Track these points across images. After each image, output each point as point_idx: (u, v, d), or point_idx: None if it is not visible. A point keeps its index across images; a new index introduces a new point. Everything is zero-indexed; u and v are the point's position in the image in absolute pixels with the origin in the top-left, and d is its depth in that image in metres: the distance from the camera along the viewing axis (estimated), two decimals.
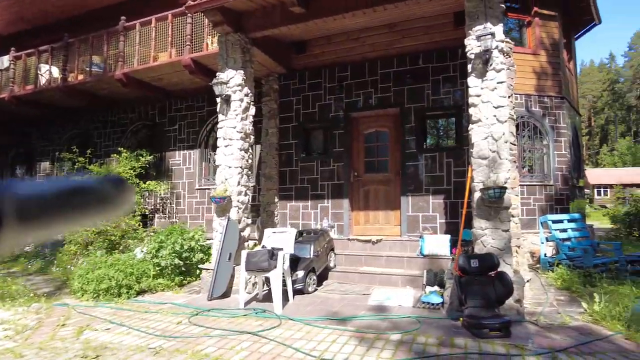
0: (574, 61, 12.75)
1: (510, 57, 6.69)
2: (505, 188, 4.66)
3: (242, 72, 6.50)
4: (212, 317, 5.07)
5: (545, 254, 8.56)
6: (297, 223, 8.04)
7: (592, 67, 70.99)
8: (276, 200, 8.15)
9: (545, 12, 10.40)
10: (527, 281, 6.28)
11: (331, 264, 6.73)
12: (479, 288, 4.38)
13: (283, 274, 5.50)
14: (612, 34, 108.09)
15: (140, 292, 6.53)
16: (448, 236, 6.40)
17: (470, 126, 5.04)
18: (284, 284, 5.59)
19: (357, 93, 7.78)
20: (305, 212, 8.00)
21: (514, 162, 6.53)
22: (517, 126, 10.03)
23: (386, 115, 7.67)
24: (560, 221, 8.45)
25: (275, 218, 8.12)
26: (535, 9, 10.25)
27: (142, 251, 7.35)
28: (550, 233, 8.14)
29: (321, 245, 6.46)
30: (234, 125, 6.38)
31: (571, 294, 6.22)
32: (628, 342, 4.16)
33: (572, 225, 8.50)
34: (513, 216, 6.39)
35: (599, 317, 4.80)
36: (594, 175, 44.65)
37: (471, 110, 5.02)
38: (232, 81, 6.49)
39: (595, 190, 43.47)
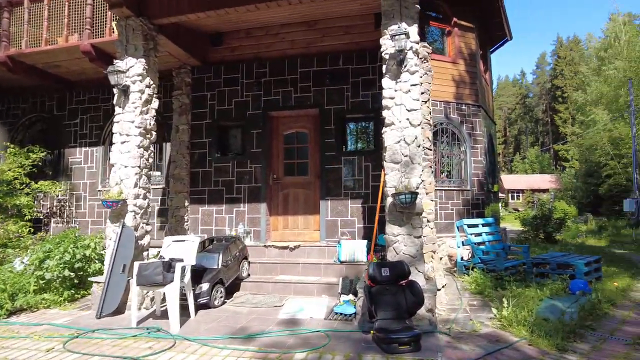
0: (489, 72, 13.45)
1: (427, 61, 6.70)
2: (417, 193, 4.51)
3: (143, 60, 5.81)
4: (95, 340, 4.36)
5: (462, 258, 8.76)
6: (210, 229, 7.44)
7: (507, 81, 77.19)
8: (186, 204, 7.48)
9: (463, 23, 10.77)
10: (442, 287, 6.27)
11: (244, 274, 6.24)
12: (390, 298, 4.17)
13: (183, 287, 4.93)
14: (526, 49, 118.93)
15: (16, 312, 5.58)
16: (365, 241, 6.21)
17: (384, 129, 4.85)
18: (185, 299, 5.02)
19: (277, 91, 7.39)
20: (219, 217, 7.43)
21: (430, 167, 6.52)
22: (436, 132, 10.26)
23: (306, 116, 7.36)
24: (476, 225, 8.68)
25: (186, 224, 7.45)
26: (455, 19, 10.59)
27: (23, 262, 6.34)
28: (466, 237, 8.32)
29: (232, 254, 5.95)
30: (132, 119, 5.68)
31: (484, 299, 6.30)
32: (531, 347, 4.16)
33: (487, 229, 8.78)
34: (429, 221, 6.36)
35: (507, 323, 4.82)
36: (508, 180, 48.37)
37: (385, 113, 4.83)
38: (131, 70, 5.77)
39: (510, 194, 47.04)
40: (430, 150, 6.53)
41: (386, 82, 4.87)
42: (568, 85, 56.22)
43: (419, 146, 4.72)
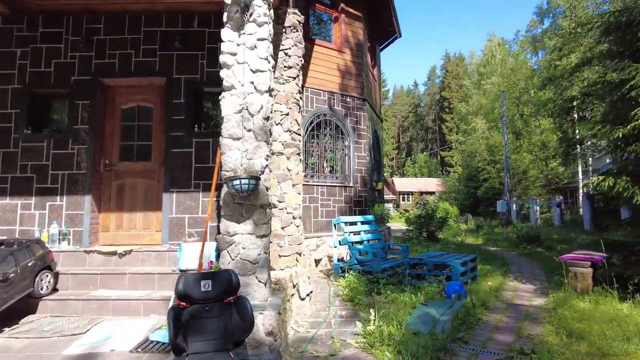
0: (378, 69, 13.17)
1: (298, 31, 5.72)
2: (259, 179, 3.42)
3: None
4: None
5: (342, 258, 8.01)
6: (13, 229, 5.56)
7: (401, 91, 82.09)
8: None
9: (351, 10, 10.15)
10: (308, 295, 5.31)
11: (42, 290, 4.58)
12: (211, 323, 2.99)
13: None
14: (420, 62, 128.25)
15: None
16: (214, 244, 4.96)
17: (222, 94, 3.68)
18: None
19: (113, 53, 5.79)
20: (27, 214, 5.59)
21: (299, 154, 5.54)
22: (319, 124, 9.46)
23: (150, 86, 5.89)
24: (354, 223, 7.98)
25: None
26: (343, 5, 9.90)
27: None
28: (343, 235, 7.55)
29: (20, 264, 4.27)
30: None
31: (354, 307, 5.48)
32: None
33: (366, 227, 8.13)
34: (295, 217, 5.38)
35: (371, 342, 3.97)
36: (400, 183, 50.95)
37: (223, 73, 3.67)
38: None
39: (401, 196, 49.50)
40: (299, 135, 5.56)
41: (226, 33, 3.70)
42: (454, 97, 61.28)
43: (266, 119, 3.64)
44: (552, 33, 26.51)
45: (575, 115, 21.17)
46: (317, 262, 8.77)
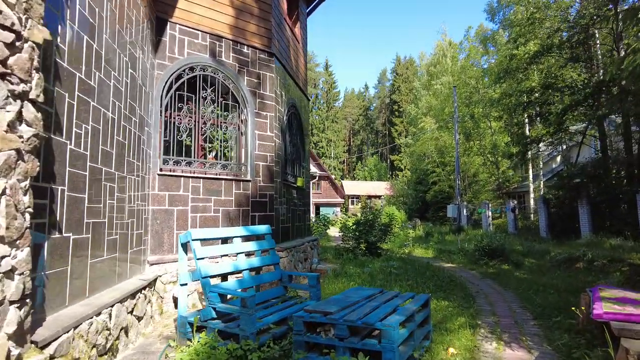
0: (303, 32, 10.00)
1: None
2: None
3: None
4: None
5: (191, 305, 4.70)
6: None
7: (352, 94, 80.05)
8: None
9: None
10: None
11: None
12: None
13: None
14: (371, 65, 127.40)
15: None
16: None
17: None
18: None
19: None
20: None
21: (18, 98, 2.18)
22: (194, 82, 6.12)
23: None
24: (226, 240, 4.68)
25: None
26: None
27: None
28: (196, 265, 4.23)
29: None
30: None
31: None
32: None
33: (251, 246, 4.82)
34: None
35: None
36: (349, 186, 48.42)
37: None
38: None
39: (350, 199, 46.92)
40: (14, 44, 2.20)
41: None
42: (404, 100, 59.90)
43: None
44: (505, 25, 25.06)
45: (526, 115, 19.44)
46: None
